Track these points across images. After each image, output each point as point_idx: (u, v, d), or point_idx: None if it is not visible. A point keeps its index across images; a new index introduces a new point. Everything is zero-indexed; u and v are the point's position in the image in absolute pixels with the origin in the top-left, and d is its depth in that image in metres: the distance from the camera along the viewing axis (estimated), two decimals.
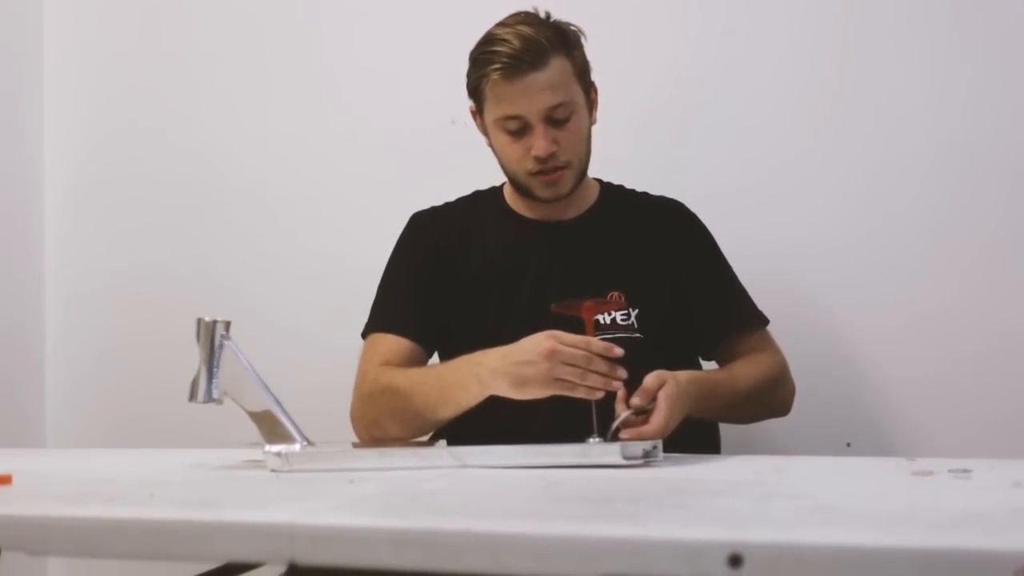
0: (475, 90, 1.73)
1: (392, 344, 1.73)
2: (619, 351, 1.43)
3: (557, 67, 1.67)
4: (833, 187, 2.11)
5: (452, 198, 1.90)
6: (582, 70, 1.73)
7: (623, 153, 2.07)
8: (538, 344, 1.45)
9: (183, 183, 2.51)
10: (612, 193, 1.87)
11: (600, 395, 1.41)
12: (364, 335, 1.78)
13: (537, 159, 1.69)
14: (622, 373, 1.43)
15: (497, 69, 1.66)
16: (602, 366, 1.42)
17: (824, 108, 2.12)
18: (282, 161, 2.44)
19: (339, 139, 2.41)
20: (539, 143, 1.68)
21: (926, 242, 2.06)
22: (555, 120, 1.68)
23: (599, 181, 1.87)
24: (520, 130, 1.69)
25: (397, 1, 2.38)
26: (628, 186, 1.89)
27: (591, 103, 1.76)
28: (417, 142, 2.33)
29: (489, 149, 1.78)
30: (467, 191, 1.90)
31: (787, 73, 2.14)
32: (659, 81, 2.20)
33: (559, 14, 1.73)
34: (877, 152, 2.09)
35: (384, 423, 1.65)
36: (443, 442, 1.52)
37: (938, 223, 2.06)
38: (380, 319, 1.78)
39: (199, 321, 1.43)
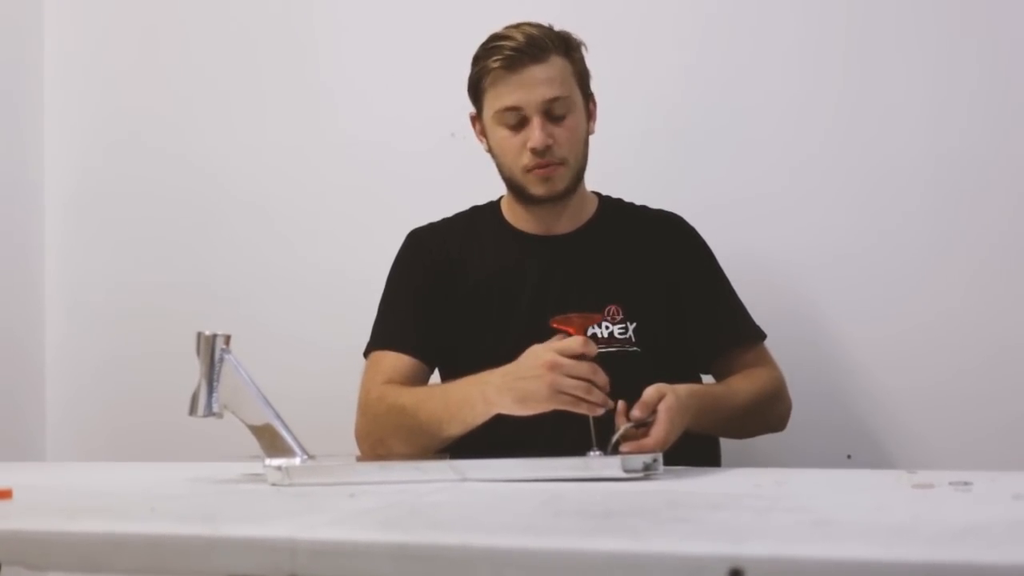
0: (476, 86, 1.75)
1: (394, 362, 1.73)
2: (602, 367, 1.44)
3: (557, 64, 1.70)
4: (834, 199, 2.11)
5: (450, 210, 1.90)
6: (581, 74, 1.75)
7: (623, 165, 2.08)
8: (539, 357, 1.45)
9: (183, 195, 2.51)
10: (611, 207, 1.87)
11: (602, 411, 1.42)
12: (366, 354, 1.78)
13: (533, 151, 1.70)
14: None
15: (498, 60, 1.69)
16: (604, 378, 1.42)
17: (825, 120, 2.12)
18: (281, 173, 2.44)
19: (338, 152, 2.41)
20: (535, 134, 1.69)
21: (926, 254, 2.06)
22: (553, 116, 1.70)
23: (597, 195, 1.87)
24: (518, 123, 1.71)
25: (395, 14, 2.39)
26: (628, 199, 1.89)
27: (590, 112, 1.78)
28: (416, 155, 2.33)
29: (487, 157, 1.79)
30: (466, 205, 1.90)
31: (788, 85, 2.15)
32: (660, 93, 2.20)
33: (560, 26, 1.74)
34: (878, 164, 2.09)
35: (390, 442, 1.65)
36: (445, 456, 1.52)
37: (938, 235, 2.06)
38: (381, 337, 1.78)
39: (199, 335, 1.43)
